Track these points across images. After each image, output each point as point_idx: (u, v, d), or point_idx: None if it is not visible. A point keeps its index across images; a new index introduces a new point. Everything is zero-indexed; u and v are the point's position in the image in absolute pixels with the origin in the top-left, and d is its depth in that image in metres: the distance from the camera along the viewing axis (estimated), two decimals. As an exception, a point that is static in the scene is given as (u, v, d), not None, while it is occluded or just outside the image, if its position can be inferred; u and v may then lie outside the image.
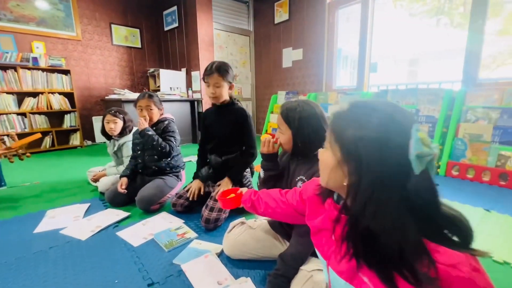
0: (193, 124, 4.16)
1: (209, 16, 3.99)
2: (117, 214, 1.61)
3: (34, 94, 3.58)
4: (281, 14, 4.16)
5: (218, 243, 1.28)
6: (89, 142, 4.25)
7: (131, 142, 1.97)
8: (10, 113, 3.39)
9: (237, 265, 1.12)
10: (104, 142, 4.28)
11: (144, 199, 1.65)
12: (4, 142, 1.85)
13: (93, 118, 4.28)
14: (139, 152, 1.81)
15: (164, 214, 1.61)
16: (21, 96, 3.51)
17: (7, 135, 3.34)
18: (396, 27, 4.24)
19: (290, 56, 4.13)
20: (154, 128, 1.79)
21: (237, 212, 1.63)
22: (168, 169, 1.82)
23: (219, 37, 4.28)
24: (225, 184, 1.52)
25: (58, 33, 3.90)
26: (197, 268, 1.07)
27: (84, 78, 4.21)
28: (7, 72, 3.34)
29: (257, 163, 1.47)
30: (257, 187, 1.18)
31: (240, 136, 1.57)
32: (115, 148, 2.06)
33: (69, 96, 3.86)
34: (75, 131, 3.95)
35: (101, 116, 4.32)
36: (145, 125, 1.71)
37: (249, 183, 1.67)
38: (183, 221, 1.52)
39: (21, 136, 3.51)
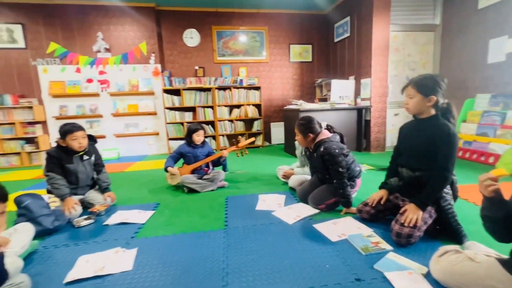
0: (358, 132, 4.11)
1: (387, 19, 3.78)
2: (309, 209, 1.91)
3: (238, 106, 4.90)
4: (490, -5, 3.23)
5: (415, 262, 1.23)
6: (267, 143, 5.24)
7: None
8: (225, 120, 4.84)
9: (452, 295, 1.03)
10: (279, 144, 5.13)
11: (311, 198, 1.94)
12: (233, 143, 2.68)
13: (271, 124, 5.25)
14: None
15: (351, 219, 1.73)
16: (231, 108, 4.91)
17: (235, 138, 4.71)
18: None
19: (501, 47, 3.13)
20: (315, 154, 1.93)
21: (432, 235, 1.47)
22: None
23: (395, 39, 3.96)
24: (413, 210, 1.41)
25: (254, 59, 5.12)
26: (404, 283, 1.09)
27: (268, 92, 5.25)
28: (225, 92, 4.79)
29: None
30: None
31: (436, 154, 1.40)
32: (302, 152, 2.43)
33: (258, 107, 4.96)
34: (259, 134, 5.02)
35: (278, 123, 5.17)
36: None
37: (449, 206, 1.46)
38: (372, 229, 1.57)
39: (230, 136, 4.92)
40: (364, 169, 3.03)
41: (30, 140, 4.29)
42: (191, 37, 4.83)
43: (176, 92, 4.67)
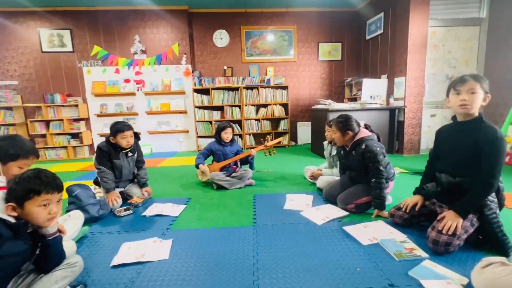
0: (390, 133, 3.93)
1: (425, 14, 3.57)
2: (338, 211, 1.89)
3: (265, 106, 4.93)
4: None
5: (454, 272, 1.17)
6: (293, 143, 5.21)
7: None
8: (251, 119, 4.90)
9: (496, 309, 0.97)
10: (305, 144, 5.08)
11: (341, 198, 1.90)
12: (262, 142, 2.72)
13: (298, 123, 5.21)
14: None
15: (382, 223, 1.68)
16: (257, 107, 4.96)
17: (262, 137, 4.75)
18: None
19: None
20: (354, 152, 1.88)
21: (474, 245, 1.38)
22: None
23: (434, 35, 3.72)
24: (452, 217, 1.33)
25: (282, 58, 5.11)
26: (442, 291, 1.05)
27: (295, 91, 5.21)
28: (253, 91, 4.85)
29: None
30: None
31: (480, 159, 1.31)
32: (331, 153, 2.40)
33: (285, 106, 4.96)
34: (285, 133, 5.01)
35: (304, 122, 5.11)
36: None
37: (493, 215, 1.36)
38: (406, 235, 1.51)
39: (256, 135, 4.97)
40: (396, 172, 2.90)
41: (75, 135, 4.71)
42: (221, 37, 4.95)
43: (205, 92, 4.82)
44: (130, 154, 2.23)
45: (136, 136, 2.27)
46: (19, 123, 4.55)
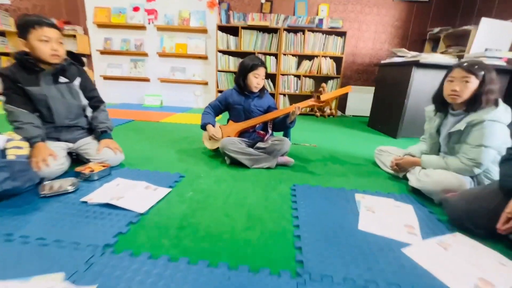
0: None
1: None
2: (496, 256, 0.80)
3: (310, 58, 3.66)
4: None
5: None
6: (339, 113, 3.99)
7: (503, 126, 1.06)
8: (289, 75, 3.70)
9: None
10: (356, 116, 3.84)
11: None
12: (318, 97, 1.61)
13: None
14: None
15: None
16: (300, 59, 3.71)
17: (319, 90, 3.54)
18: None
19: None
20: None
21: None
22: None
23: None
24: None
25: (342, -8, 3.67)
26: None
27: (353, 42, 3.83)
28: (297, 35, 3.57)
29: None
30: None
31: None
32: (458, 128, 1.21)
33: (337, 61, 3.65)
34: (331, 98, 3.78)
35: (358, 87, 3.81)
36: None
37: None
38: None
39: (293, 97, 3.79)
40: None
41: (75, 75, 3.91)
42: (261, -44, 3.60)
43: (233, 31, 3.64)
44: (63, 79, 1.29)
45: (77, 59, 1.37)
46: (13, 53, 3.81)
